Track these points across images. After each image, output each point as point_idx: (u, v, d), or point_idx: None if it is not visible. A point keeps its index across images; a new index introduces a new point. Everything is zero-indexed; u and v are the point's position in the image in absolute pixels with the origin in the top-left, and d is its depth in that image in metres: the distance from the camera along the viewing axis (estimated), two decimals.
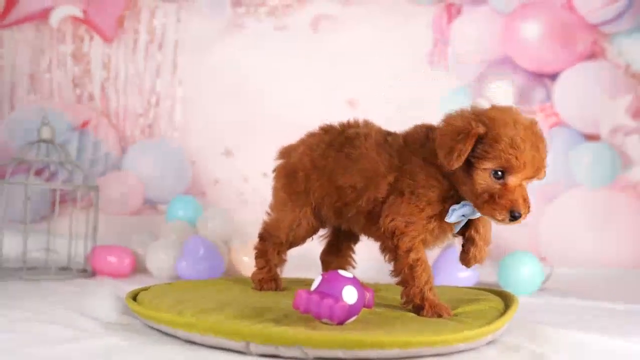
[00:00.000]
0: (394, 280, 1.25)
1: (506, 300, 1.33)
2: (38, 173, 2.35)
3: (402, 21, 2.41)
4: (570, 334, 1.18)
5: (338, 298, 1.06)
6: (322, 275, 1.11)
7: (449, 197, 1.20)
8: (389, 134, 1.32)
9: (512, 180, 1.12)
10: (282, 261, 1.47)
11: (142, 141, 2.47)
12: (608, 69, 2.33)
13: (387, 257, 1.25)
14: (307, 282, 1.42)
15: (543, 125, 2.31)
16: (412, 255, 1.21)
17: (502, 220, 1.13)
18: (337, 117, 1.45)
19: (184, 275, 1.82)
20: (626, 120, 2.31)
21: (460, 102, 2.30)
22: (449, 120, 1.18)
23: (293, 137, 1.47)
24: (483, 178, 1.13)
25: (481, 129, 1.12)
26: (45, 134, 1.91)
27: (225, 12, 2.47)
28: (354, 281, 1.10)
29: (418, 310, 1.21)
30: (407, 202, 1.20)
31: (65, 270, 1.91)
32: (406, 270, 1.21)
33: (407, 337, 1.01)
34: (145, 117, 2.48)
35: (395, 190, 1.23)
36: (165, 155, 2.46)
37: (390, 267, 1.25)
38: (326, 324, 1.07)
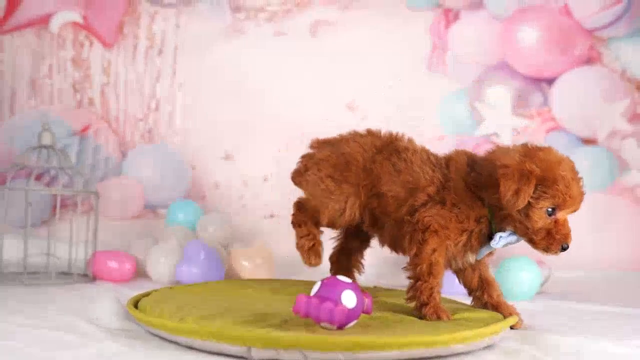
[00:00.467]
0: (406, 274, 1.27)
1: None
2: (38, 178, 2.35)
3: (400, 26, 2.42)
4: (570, 338, 1.19)
5: (337, 302, 1.07)
6: (321, 280, 1.12)
7: (480, 222, 1.25)
8: (431, 153, 1.36)
9: (561, 214, 1.22)
10: (320, 231, 1.41)
11: (142, 146, 2.48)
12: (605, 74, 2.34)
13: (410, 249, 1.27)
14: (308, 284, 1.43)
15: (541, 130, 2.33)
16: (436, 255, 1.24)
17: (555, 253, 1.23)
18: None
19: (184, 280, 1.82)
20: (623, 124, 2.32)
21: (458, 105, 2.34)
22: (500, 159, 1.22)
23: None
24: (539, 216, 1.21)
25: (539, 171, 1.18)
26: (46, 139, 1.91)
27: (225, 17, 2.48)
28: (353, 286, 1.11)
29: (421, 307, 1.23)
30: (448, 210, 1.25)
31: (66, 275, 1.91)
32: (424, 267, 1.24)
33: (405, 338, 1.02)
34: (145, 122, 2.49)
35: (435, 200, 1.27)
36: (165, 160, 2.47)
37: (397, 266, 1.28)
38: (326, 328, 1.08)
